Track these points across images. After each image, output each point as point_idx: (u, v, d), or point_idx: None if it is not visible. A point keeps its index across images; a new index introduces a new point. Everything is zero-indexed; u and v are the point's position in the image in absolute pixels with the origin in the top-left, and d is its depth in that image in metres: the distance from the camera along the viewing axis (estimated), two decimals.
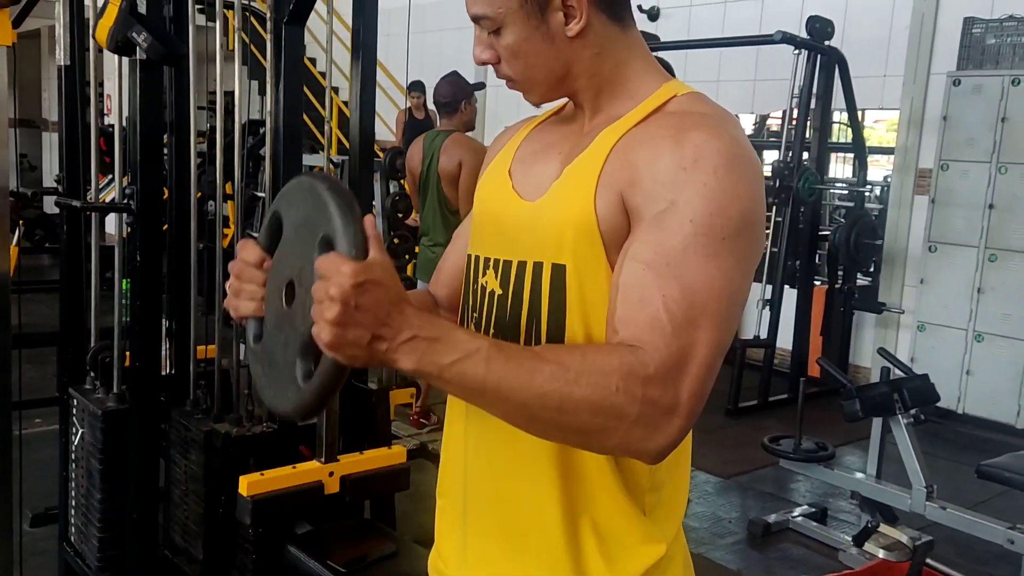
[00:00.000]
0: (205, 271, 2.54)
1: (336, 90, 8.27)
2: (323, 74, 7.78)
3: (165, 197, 2.44)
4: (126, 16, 1.92)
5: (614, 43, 1.02)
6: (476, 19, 0.99)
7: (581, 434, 0.87)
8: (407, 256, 4.86)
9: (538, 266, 0.99)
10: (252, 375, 0.95)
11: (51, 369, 3.18)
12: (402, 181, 5.18)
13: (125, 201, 2.11)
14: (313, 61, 8.34)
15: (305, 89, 8.18)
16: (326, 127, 2.69)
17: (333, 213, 0.82)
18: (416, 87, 7.00)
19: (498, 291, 1.03)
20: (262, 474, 2.07)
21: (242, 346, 3.12)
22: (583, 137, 1.02)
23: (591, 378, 0.83)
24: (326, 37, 2.69)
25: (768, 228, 5.17)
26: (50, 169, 11.93)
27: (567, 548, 0.98)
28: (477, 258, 1.08)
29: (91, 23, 2.15)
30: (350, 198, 0.83)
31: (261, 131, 5.51)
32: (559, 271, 0.97)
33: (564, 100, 1.10)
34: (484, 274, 1.06)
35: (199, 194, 2.60)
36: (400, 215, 4.74)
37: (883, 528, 3.02)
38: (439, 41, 7.98)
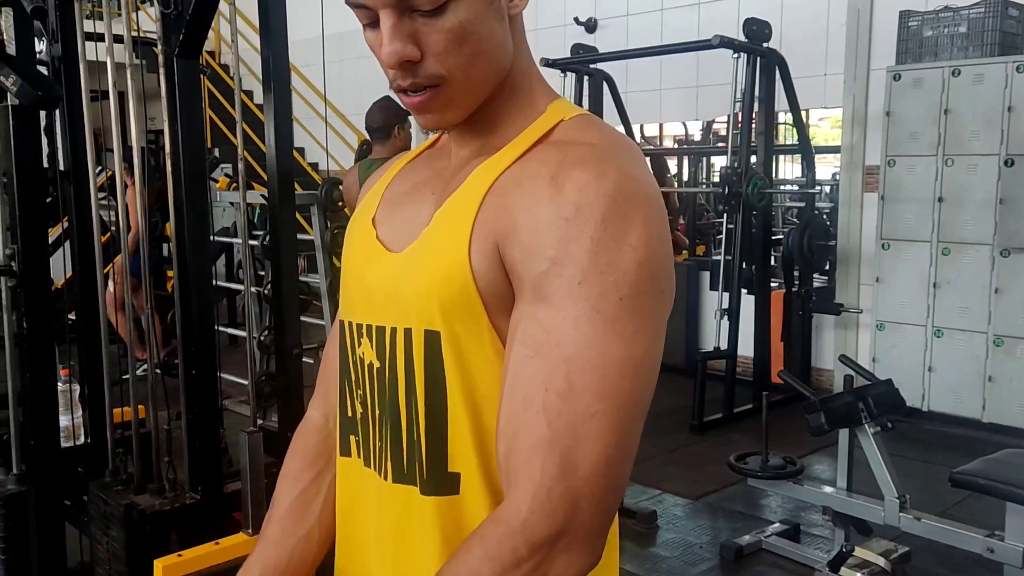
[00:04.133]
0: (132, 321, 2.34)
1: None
2: (260, 106, 7.55)
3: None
4: None
5: (524, 38, 0.85)
6: None
7: None
8: None
9: (408, 333, 0.82)
10: None
11: None
12: (345, 211, 5.01)
13: (7, 262, 1.90)
14: (250, 94, 8.11)
15: (226, 105, 7.86)
16: (240, 165, 2.51)
17: None
18: None
19: (376, 363, 0.86)
20: (179, 555, 1.88)
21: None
22: (458, 172, 0.85)
23: None
24: (233, 56, 2.51)
25: (720, 235, 5.08)
26: None
27: None
28: (350, 324, 0.90)
29: None
30: None
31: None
32: (433, 339, 0.80)
33: (440, 132, 0.92)
34: (360, 343, 0.88)
35: None
36: (339, 249, 4.54)
37: (858, 550, 2.89)
38: (372, 67, 7.79)
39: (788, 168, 9.06)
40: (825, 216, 5.86)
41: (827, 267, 5.70)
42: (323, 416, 1.03)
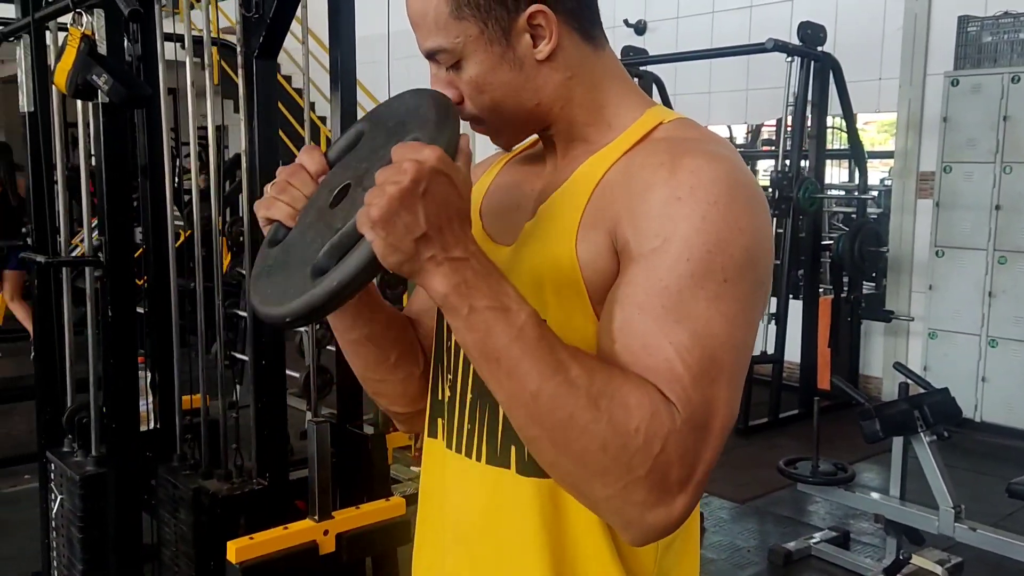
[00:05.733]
0: (194, 314, 2.41)
1: (324, 120, 8.21)
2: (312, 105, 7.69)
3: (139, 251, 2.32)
4: (85, 58, 1.80)
5: (587, 65, 0.89)
6: (431, 54, 0.87)
7: (575, 464, 0.72)
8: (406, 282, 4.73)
9: None
10: (252, 276, 0.80)
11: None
12: None
13: (94, 253, 1.99)
14: (299, 92, 8.25)
15: (289, 117, 8.05)
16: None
17: (430, 116, 0.73)
18: None
19: None
20: (251, 538, 1.94)
21: (238, 388, 2.97)
22: (558, 172, 0.90)
23: (612, 403, 0.71)
24: (303, 66, 2.58)
25: None
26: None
27: None
28: None
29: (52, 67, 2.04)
30: (455, 109, 0.77)
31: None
32: None
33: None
34: None
35: (187, 232, 2.49)
36: None
37: (914, 557, 2.87)
38: (421, 67, 7.89)
39: (834, 173, 8.96)
40: (872, 221, 5.80)
41: (874, 273, 5.65)
42: None
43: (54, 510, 2.32)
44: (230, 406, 2.44)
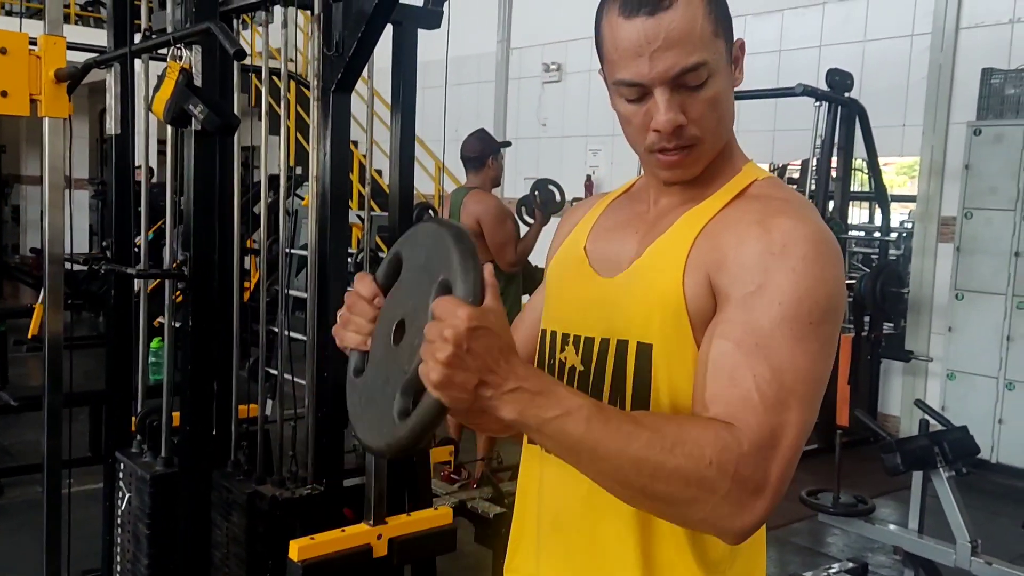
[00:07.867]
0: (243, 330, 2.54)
1: (355, 143, 8.42)
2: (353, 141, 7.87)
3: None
4: (183, 89, 1.97)
5: None
6: (687, 71, 0.92)
7: (669, 504, 0.86)
8: None
9: (622, 344, 0.99)
10: (348, 407, 0.93)
11: (81, 427, 3.19)
12: None
13: (177, 267, 2.15)
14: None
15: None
16: (366, 187, 2.74)
17: (455, 259, 0.81)
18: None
19: (579, 367, 1.03)
20: (312, 538, 2.07)
21: (269, 402, 3.13)
22: (663, 216, 1.03)
23: (686, 448, 0.83)
24: (367, 102, 2.75)
25: None
26: (79, 225, 12.04)
27: None
28: (554, 333, 1.08)
29: (146, 93, 2.21)
30: (472, 247, 0.83)
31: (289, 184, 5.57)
32: (645, 350, 0.97)
33: (635, 177, 1.11)
34: (563, 350, 1.06)
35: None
36: None
37: None
38: (454, 96, 8.11)
39: (854, 213, 9.07)
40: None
41: (893, 314, 5.74)
42: None
43: (120, 508, 2.46)
44: (282, 424, 2.58)
